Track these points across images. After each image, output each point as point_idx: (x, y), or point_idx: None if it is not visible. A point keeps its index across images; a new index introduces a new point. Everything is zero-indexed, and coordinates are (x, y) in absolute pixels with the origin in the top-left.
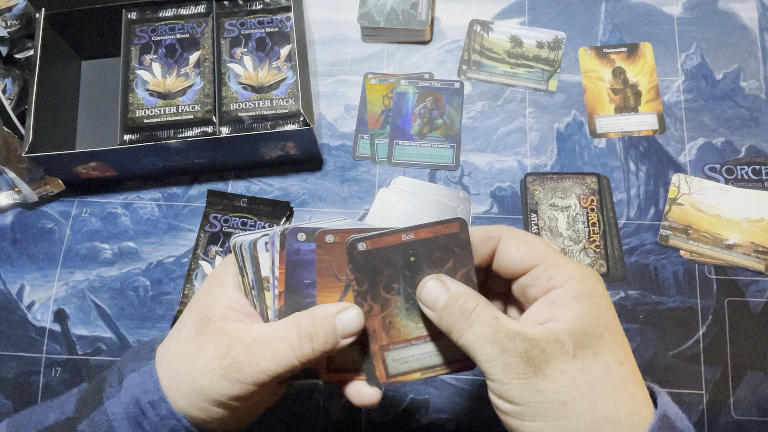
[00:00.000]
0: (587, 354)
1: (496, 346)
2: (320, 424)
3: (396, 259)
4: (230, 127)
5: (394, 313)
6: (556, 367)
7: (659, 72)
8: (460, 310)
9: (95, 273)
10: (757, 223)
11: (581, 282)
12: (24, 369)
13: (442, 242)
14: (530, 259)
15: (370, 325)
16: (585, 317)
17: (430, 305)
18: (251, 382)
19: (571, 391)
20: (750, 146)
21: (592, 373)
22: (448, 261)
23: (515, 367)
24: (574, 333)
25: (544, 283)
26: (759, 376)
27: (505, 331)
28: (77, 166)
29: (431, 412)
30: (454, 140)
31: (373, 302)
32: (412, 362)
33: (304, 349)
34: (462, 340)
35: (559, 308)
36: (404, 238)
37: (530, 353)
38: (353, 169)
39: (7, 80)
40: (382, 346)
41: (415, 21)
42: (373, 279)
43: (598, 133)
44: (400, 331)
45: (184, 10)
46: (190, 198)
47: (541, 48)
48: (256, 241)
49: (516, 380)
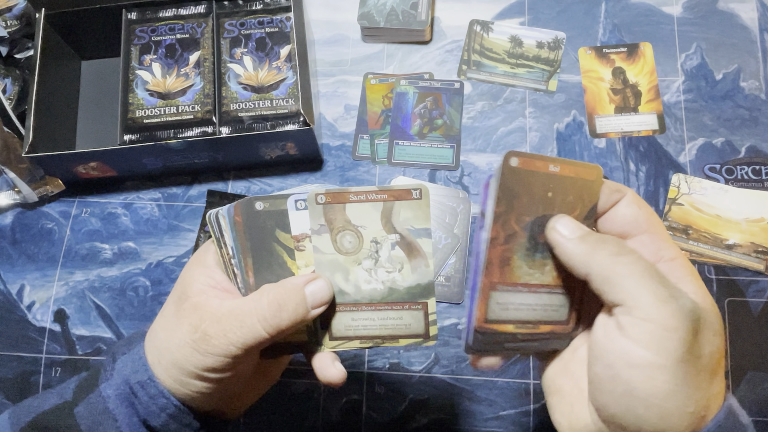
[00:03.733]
0: (720, 332)
1: (667, 289)
2: (320, 424)
3: (536, 189)
4: (230, 127)
5: (515, 249)
6: (707, 336)
7: (659, 72)
8: (612, 240)
9: (95, 273)
10: (757, 223)
11: (689, 263)
12: (24, 369)
13: (578, 186)
14: (645, 224)
15: (490, 254)
16: (709, 297)
17: (567, 233)
18: (221, 353)
19: (707, 364)
20: (750, 146)
21: (719, 350)
22: (576, 208)
23: (687, 319)
24: (711, 308)
25: (653, 251)
26: (759, 376)
27: (669, 281)
28: (77, 166)
29: (431, 412)
30: (454, 140)
31: (501, 229)
32: (511, 311)
33: (272, 319)
34: (617, 265)
35: (681, 281)
36: (551, 168)
37: (697, 312)
38: (353, 169)
39: (7, 80)
40: (492, 283)
41: (415, 21)
42: (510, 203)
43: (598, 133)
44: (513, 272)
45: (184, 10)
46: (190, 198)
47: (541, 48)
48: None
49: (683, 333)
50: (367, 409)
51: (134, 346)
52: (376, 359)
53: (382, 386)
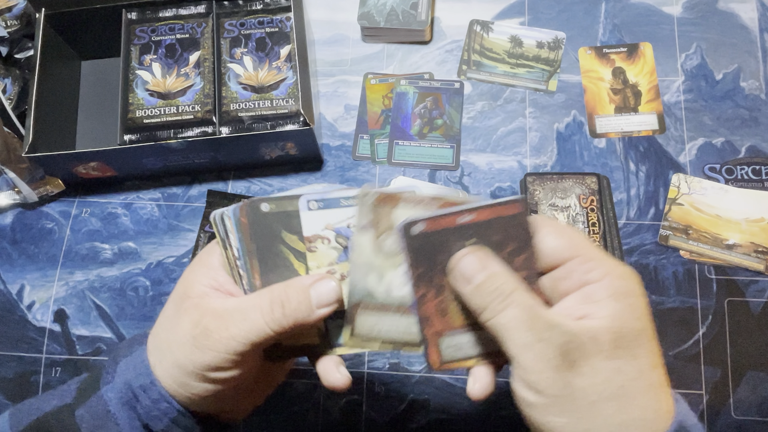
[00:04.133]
0: (623, 355)
1: (532, 333)
2: (320, 424)
3: (453, 243)
4: (230, 127)
5: (450, 298)
6: (592, 364)
7: (659, 72)
8: (497, 291)
9: (95, 273)
10: (757, 223)
11: (620, 279)
12: (24, 369)
13: (502, 224)
14: (568, 251)
15: (424, 310)
16: (623, 317)
17: (465, 278)
18: (222, 349)
19: (602, 390)
20: (750, 146)
21: (625, 376)
22: (507, 245)
23: (551, 359)
24: (612, 332)
25: (579, 276)
26: (759, 376)
27: (542, 320)
28: (77, 166)
29: (431, 412)
30: (454, 140)
31: (428, 288)
32: (467, 349)
33: (274, 314)
34: (493, 321)
35: (595, 305)
36: (463, 220)
37: (567, 347)
38: (353, 169)
39: (7, 80)
40: (437, 332)
41: (415, 21)
42: (429, 263)
43: (598, 133)
44: (454, 318)
45: (184, 10)
46: (190, 198)
47: (541, 48)
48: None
49: (549, 372)
50: (367, 409)
51: (136, 348)
52: (376, 359)
53: (382, 386)
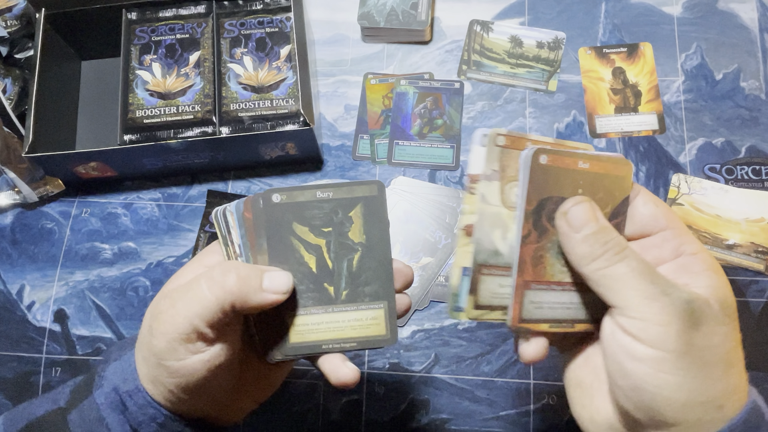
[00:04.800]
0: (729, 324)
1: (657, 286)
2: (320, 424)
3: (566, 185)
4: (230, 127)
5: (548, 247)
6: (709, 327)
7: (659, 72)
8: (613, 242)
9: (95, 273)
10: (757, 223)
11: (712, 257)
12: (24, 369)
13: (608, 183)
14: (663, 220)
15: (522, 252)
16: (724, 289)
17: (575, 226)
18: (171, 329)
19: (715, 354)
20: (750, 146)
21: (729, 343)
22: (607, 204)
23: (678, 313)
24: (720, 301)
25: (673, 246)
26: (759, 376)
27: (663, 278)
28: (77, 166)
29: (431, 412)
30: (454, 140)
31: (533, 227)
32: (545, 309)
33: (219, 281)
34: (610, 270)
35: (695, 275)
36: (580, 165)
37: (692, 305)
38: (353, 169)
39: (7, 80)
40: (526, 282)
41: (415, 21)
42: (542, 200)
43: (598, 133)
44: (546, 270)
45: (184, 10)
46: (190, 198)
47: (541, 48)
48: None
49: (676, 325)
50: (367, 409)
51: (126, 352)
52: (377, 359)
53: (382, 386)
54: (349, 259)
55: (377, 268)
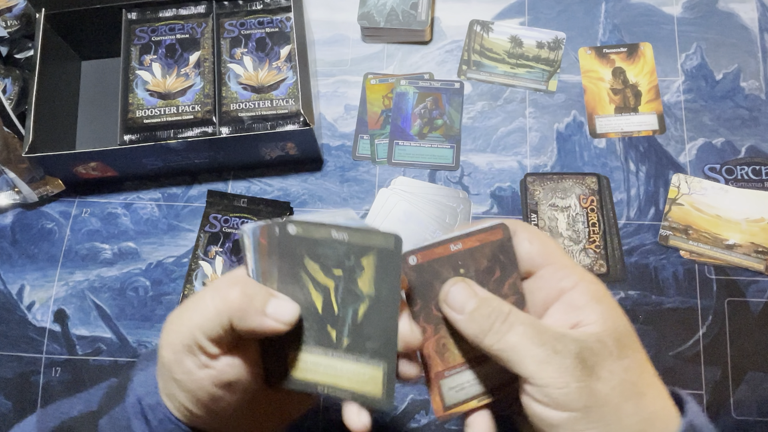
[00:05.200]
0: (627, 353)
1: (546, 347)
2: (320, 424)
3: (446, 273)
4: (230, 127)
5: (448, 333)
6: (606, 367)
7: (659, 72)
8: (495, 312)
9: (95, 273)
10: (757, 223)
11: (592, 284)
12: (24, 369)
13: (488, 251)
14: (540, 257)
15: (424, 350)
16: (612, 317)
17: (457, 308)
18: (177, 340)
19: (620, 392)
20: (750, 146)
21: (634, 372)
22: (495, 271)
23: (572, 370)
24: (611, 333)
25: (554, 284)
26: (759, 376)
27: (550, 332)
28: (77, 166)
29: (431, 412)
30: (454, 140)
31: (426, 323)
32: (468, 388)
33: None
34: (501, 343)
35: (580, 311)
36: (453, 248)
37: (582, 354)
38: (353, 169)
39: (7, 80)
40: (438, 374)
41: (415, 21)
42: (425, 296)
43: (598, 133)
44: (454, 354)
45: (184, 11)
46: (190, 198)
47: (541, 48)
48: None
49: (574, 383)
50: None
51: (152, 362)
52: None
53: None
54: (355, 309)
55: (382, 325)
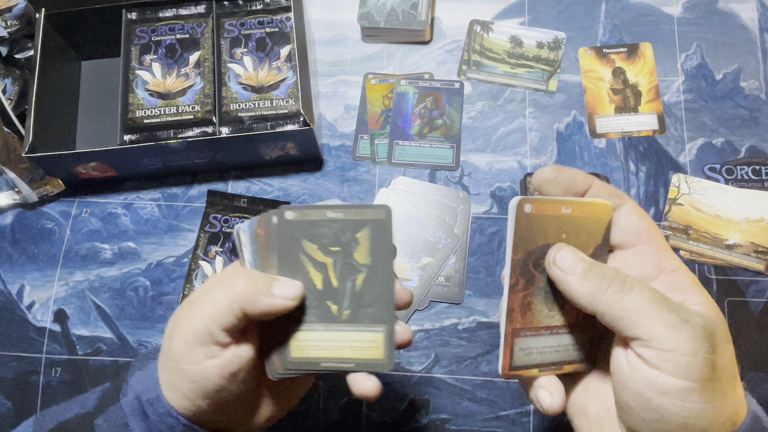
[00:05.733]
0: (729, 338)
1: (676, 314)
2: (320, 424)
3: (551, 232)
4: (230, 127)
5: (535, 293)
6: (723, 346)
7: (659, 72)
8: (611, 273)
9: (95, 273)
10: (757, 223)
11: (691, 273)
12: (24, 369)
13: (590, 225)
14: (645, 233)
15: (511, 301)
16: (713, 303)
17: (568, 269)
18: (188, 332)
19: (729, 373)
20: (750, 146)
21: (732, 357)
22: (589, 246)
23: (702, 340)
24: (719, 317)
25: (656, 262)
26: (759, 376)
27: (677, 304)
28: (77, 166)
29: (431, 412)
30: (454, 140)
31: (521, 276)
32: (535, 355)
33: (230, 284)
34: (625, 302)
35: (686, 291)
36: (563, 211)
37: (709, 328)
38: (353, 169)
39: (7, 80)
40: (515, 330)
41: (415, 21)
42: (527, 248)
43: (598, 133)
44: (534, 317)
45: (184, 10)
46: (190, 198)
47: (541, 48)
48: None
49: (703, 353)
50: (367, 409)
51: (150, 361)
52: None
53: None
54: (353, 279)
55: (379, 291)
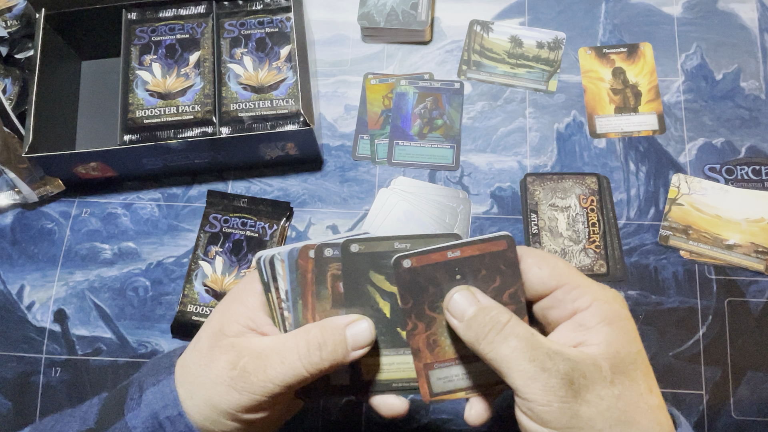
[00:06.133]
0: (623, 380)
1: (535, 363)
2: (320, 424)
3: (441, 277)
4: (230, 127)
5: (439, 332)
6: (595, 392)
7: (659, 72)
8: (492, 322)
9: (95, 273)
10: (757, 223)
11: (607, 304)
12: (24, 369)
13: (489, 260)
14: (552, 280)
15: (414, 342)
16: (618, 341)
17: (458, 315)
18: (259, 392)
19: (607, 418)
20: (750, 146)
21: (626, 400)
22: (495, 280)
23: (557, 389)
24: (610, 358)
25: (567, 305)
26: (759, 376)
27: (543, 349)
28: (77, 166)
29: (431, 412)
30: (454, 140)
31: (418, 320)
32: (457, 381)
33: (312, 357)
34: (493, 353)
35: (588, 331)
36: (450, 255)
37: (571, 375)
38: (353, 169)
39: (7, 80)
40: (426, 365)
41: (415, 21)
42: (418, 297)
43: (598, 133)
44: (445, 350)
45: (184, 11)
46: (190, 198)
47: (541, 48)
48: (301, 250)
49: (556, 403)
50: (367, 409)
51: (163, 377)
52: None
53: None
54: None
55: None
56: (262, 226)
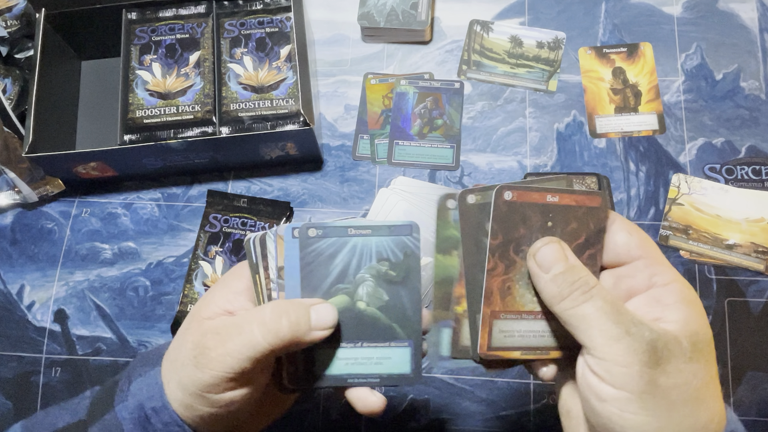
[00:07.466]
0: (700, 359)
1: (620, 326)
2: (320, 424)
3: (534, 219)
4: (230, 127)
5: (515, 279)
6: (675, 365)
7: (659, 72)
8: (580, 282)
9: (95, 273)
10: (757, 223)
11: (686, 287)
12: (24, 369)
13: (581, 214)
14: (638, 250)
15: (489, 284)
16: (696, 322)
17: (544, 267)
18: (218, 367)
19: (682, 392)
20: (750, 146)
21: (701, 379)
22: (581, 236)
23: (640, 353)
24: (690, 336)
25: (645, 277)
26: (759, 376)
27: (629, 315)
28: (77, 166)
29: (431, 412)
30: (454, 140)
31: (500, 260)
32: (517, 338)
33: (271, 324)
34: (575, 310)
35: (666, 308)
36: (549, 199)
37: (655, 343)
38: (353, 169)
39: (7, 80)
40: (494, 312)
41: (415, 21)
42: (508, 234)
43: (598, 133)
44: (515, 300)
45: (184, 10)
46: (190, 198)
47: (541, 48)
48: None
49: (637, 366)
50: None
51: (150, 368)
52: None
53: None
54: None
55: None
56: (262, 226)
